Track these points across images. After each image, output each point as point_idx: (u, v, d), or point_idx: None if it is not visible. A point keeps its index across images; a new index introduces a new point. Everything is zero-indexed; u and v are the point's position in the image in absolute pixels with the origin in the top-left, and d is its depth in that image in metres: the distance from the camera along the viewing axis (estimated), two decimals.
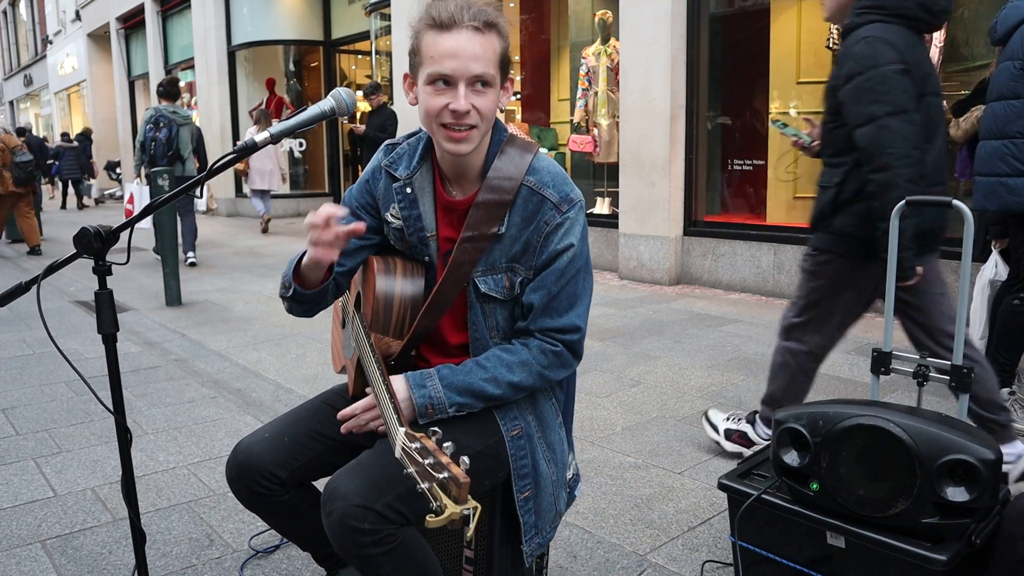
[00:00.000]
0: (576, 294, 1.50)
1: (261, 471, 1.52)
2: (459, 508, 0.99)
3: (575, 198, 1.49)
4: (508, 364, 1.47)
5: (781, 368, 2.65)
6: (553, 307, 1.48)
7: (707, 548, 2.19)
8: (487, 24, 1.39)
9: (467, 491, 1.00)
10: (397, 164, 1.57)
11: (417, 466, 1.06)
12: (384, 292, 1.54)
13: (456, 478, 1.01)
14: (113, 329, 1.48)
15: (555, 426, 1.60)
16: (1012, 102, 2.88)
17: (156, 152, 7.14)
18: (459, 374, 1.45)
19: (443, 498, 1.00)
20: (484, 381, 1.45)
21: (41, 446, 3.01)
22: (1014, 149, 2.87)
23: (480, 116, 1.40)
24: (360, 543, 1.30)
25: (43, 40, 25.68)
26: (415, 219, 1.54)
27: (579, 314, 1.50)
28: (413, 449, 1.09)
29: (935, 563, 1.51)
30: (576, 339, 1.51)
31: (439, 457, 1.06)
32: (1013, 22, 2.90)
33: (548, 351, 1.48)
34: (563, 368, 1.52)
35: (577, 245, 1.48)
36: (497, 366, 1.46)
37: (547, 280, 1.47)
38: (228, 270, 7.43)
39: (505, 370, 1.46)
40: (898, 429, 1.58)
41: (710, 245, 6.14)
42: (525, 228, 1.47)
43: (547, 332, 1.49)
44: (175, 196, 1.49)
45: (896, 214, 2.23)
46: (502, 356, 1.48)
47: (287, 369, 4.01)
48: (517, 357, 1.47)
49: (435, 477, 1.02)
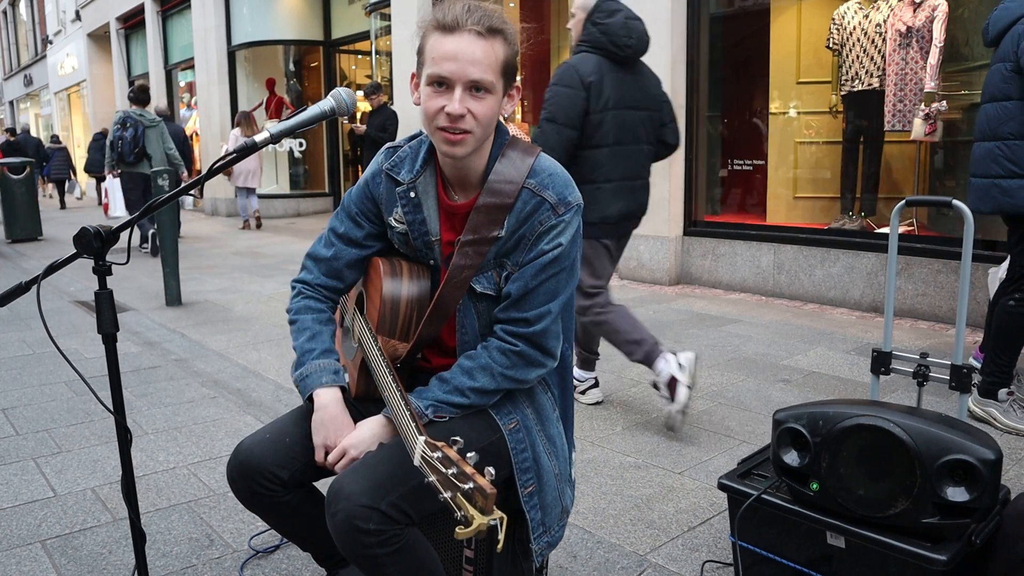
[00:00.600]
0: (554, 292, 1.48)
1: (262, 472, 1.52)
2: (486, 519, 0.99)
3: (573, 201, 1.48)
4: (468, 371, 1.47)
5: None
6: (526, 299, 1.47)
7: (707, 548, 2.19)
8: (491, 30, 1.38)
9: (493, 502, 1.00)
10: (399, 168, 1.57)
11: (439, 475, 1.06)
12: (391, 294, 1.54)
13: (483, 489, 1.01)
14: (113, 329, 1.48)
15: (553, 419, 1.60)
16: (1004, 104, 2.90)
17: (123, 149, 7.91)
18: (424, 393, 1.47)
19: (469, 508, 1.00)
20: (447, 393, 1.46)
21: (41, 446, 3.01)
22: (1007, 151, 2.89)
23: (476, 121, 1.39)
24: (365, 543, 1.30)
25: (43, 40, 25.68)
26: (419, 223, 1.54)
27: (551, 309, 1.48)
28: (435, 459, 1.09)
29: (935, 563, 1.51)
30: (539, 331, 1.47)
31: (463, 467, 1.05)
32: (1004, 24, 2.91)
33: (508, 351, 1.47)
34: (530, 367, 1.49)
35: (566, 246, 1.47)
36: (458, 375, 1.47)
37: (526, 273, 1.47)
38: (228, 270, 7.43)
39: (466, 378, 1.47)
40: (898, 429, 1.58)
41: (710, 245, 6.15)
42: (520, 227, 1.47)
43: (512, 322, 1.48)
44: (175, 196, 1.49)
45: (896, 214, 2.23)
46: (463, 363, 1.49)
47: (287, 369, 4.00)
48: (476, 362, 1.48)
49: (459, 487, 1.02)
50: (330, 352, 1.58)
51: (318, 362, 1.55)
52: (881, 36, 5.35)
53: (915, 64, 5.14)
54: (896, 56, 5.25)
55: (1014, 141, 2.86)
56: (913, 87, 5.16)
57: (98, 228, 1.42)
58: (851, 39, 5.56)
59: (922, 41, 5.08)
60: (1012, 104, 2.87)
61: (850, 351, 4.17)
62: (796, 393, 3.51)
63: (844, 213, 5.82)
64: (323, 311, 1.63)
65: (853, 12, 5.57)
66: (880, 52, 5.36)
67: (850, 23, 5.57)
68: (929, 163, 5.48)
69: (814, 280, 5.48)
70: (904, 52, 5.19)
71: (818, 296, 5.48)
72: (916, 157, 5.53)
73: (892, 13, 5.27)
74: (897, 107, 5.26)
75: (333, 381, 1.53)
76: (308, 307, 1.62)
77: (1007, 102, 2.88)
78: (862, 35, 5.49)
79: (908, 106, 5.19)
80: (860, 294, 5.22)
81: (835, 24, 5.65)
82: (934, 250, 4.88)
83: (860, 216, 5.73)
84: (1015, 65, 2.84)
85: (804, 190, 6.20)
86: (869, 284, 5.20)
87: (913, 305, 4.92)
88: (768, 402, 3.39)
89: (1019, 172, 2.86)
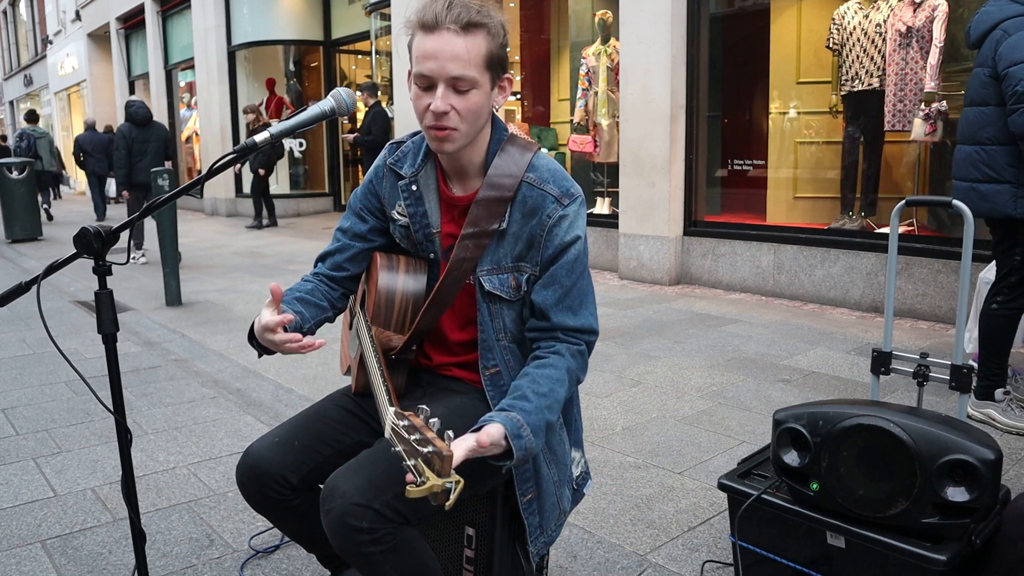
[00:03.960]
0: (584, 291, 1.51)
1: (273, 476, 1.51)
2: (441, 481, 0.99)
3: (575, 192, 1.50)
4: (559, 380, 1.44)
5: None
6: (568, 305, 1.48)
7: (707, 548, 2.19)
8: (470, 24, 1.38)
9: (450, 464, 1.01)
10: (402, 162, 1.59)
11: (405, 444, 1.07)
12: (386, 287, 1.55)
13: (440, 452, 1.01)
14: (113, 329, 1.48)
15: (555, 427, 1.59)
16: (983, 108, 2.91)
17: (22, 155, 12.32)
18: (534, 415, 1.37)
19: (426, 471, 1.01)
20: (548, 410, 1.40)
21: (41, 446, 3.01)
22: (985, 155, 2.90)
23: (460, 117, 1.40)
24: (358, 541, 1.30)
25: (43, 40, 25.67)
26: (421, 216, 1.56)
27: (592, 312, 1.51)
28: (401, 427, 1.10)
29: (935, 563, 1.51)
30: (595, 340, 1.52)
31: (425, 433, 1.06)
32: (984, 28, 2.92)
33: (577, 352, 1.48)
34: (586, 369, 1.52)
35: (583, 237, 1.49)
36: (555, 387, 1.42)
37: (558, 274, 1.47)
38: (228, 270, 7.43)
39: (560, 388, 1.44)
40: (898, 429, 1.58)
41: (710, 245, 6.14)
42: (527, 223, 1.48)
43: (570, 332, 1.48)
44: (175, 196, 1.49)
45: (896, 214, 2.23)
46: (550, 374, 1.43)
47: (287, 369, 4.01)
48: (559, 371, 1.44)
49: (420, 452, 1.03)
50: (289, 302, 1.53)
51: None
52: (881, 36, 5.35)
53: (915, 64, 5.14)
54: (896, 56, 5.24)
55: (992, 146, 2.88)
56: (913, 87, 5.16)
57: (98, 228, 1.42)
58: (851, 39, 5.56)
59: (922, 41, 5.08)
60: (990, 109, 2.88)
61: (850, 351, 4.17)
62: (796, 393, 3.51)
63: (844, 213, 5.82)
64: (308, 282, 1.62)
65: (853, 12, 5.57)
66: (880, 52, 5.36)
67: (850, 23, 5.57)
68: (929, 163, 5.49)
69: (814, 280, 5.48)
70: (904, 52, 5.19)
71: (818, 296, 5.48)
72: (916, 157, 5.53)
73: (892, 13, 5.27)
74: (897, 107, 5.26)
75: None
76: (302, 280, 1.63)
77: (985, 107, 2.90)
78: (862, 35, 5.49)
79: (908, 106, 5.19)
80: (860, 294, 5.22)
81: (835, 24, 5.64)
82: (934, 250, 4.88)
83: (860, 216, 5.73)
84: (992, 71, 2.84)
85: (804, 190, 6.21)
86: (869, 284, 5.20)
87: (913, 305, 4.92)
88: (768, 402, 3.39)
89: (996, 177, 2.87)
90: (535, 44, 9.03)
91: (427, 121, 1.41)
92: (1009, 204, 2.86)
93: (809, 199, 6.16)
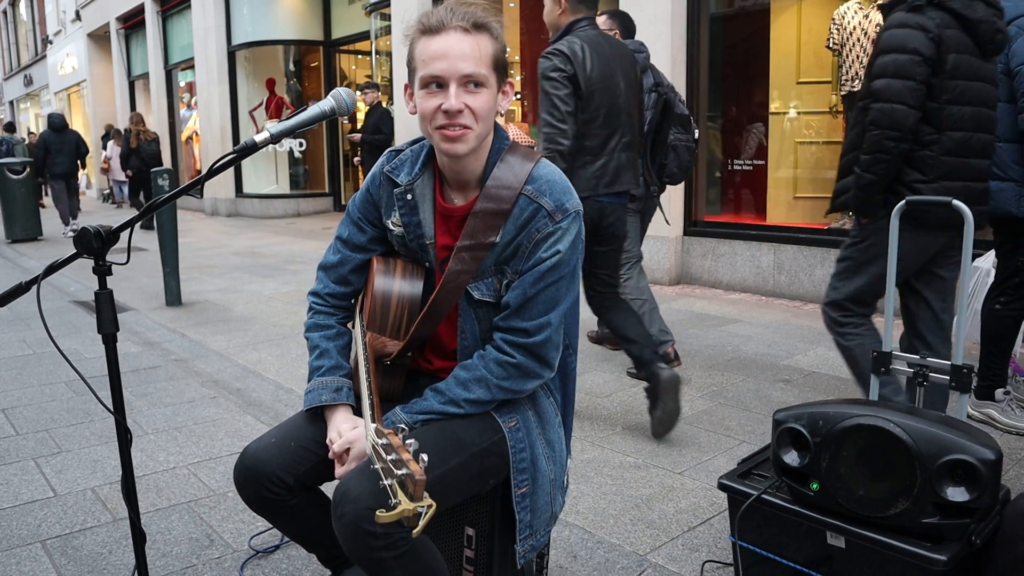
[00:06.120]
0: (555, 300, 1.47)
1: (269, 476, 1.51)
2: (412, 505, 1.00)
3: (571, 208, 1.47)
4: (464, 382, 1.48)
5: None
6: (525, 308, 1.46)
7: (707, 548, 2.19)
8: (475, 25, 1.39)
9: (422, 488, 1.01)
10: (399, 170, 1.58)
11: (382, 462, 1.07)
12: (382, 292, 1.55)
13: (412, 475, 1.01)
14: (113, 329, 1.48)
15: (555, 424, 1.60)
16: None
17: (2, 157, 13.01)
18: (417, 404, 1.48)
19: (399, 493, 1.01)
20: (442, 404, 1.47)
21: (41, 446, 3.01)
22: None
23: (474, 116, 1.40)
24: (372, 546, 1.29)
25: (43, 40, 25.66)
26: (415, 226, 1.55)
27: (550, 320, 1.47)
28: (380, 445, 1.10)
29: (935, 563, 1.51)
30: (539, 342, 1.47)
31: (401, 454, 1.06)
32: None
33: (504, 362, 1.47)
34: (527, 378, 1.49)
35: (565, 252, 1.46)
36: (453, 386, 1.48)
37: (525, 281, 1.46)
38: (228, 270, 7.43)
39: (461, 389, 1.47)
40: (898, 429, 1.58)
41: (710, 245, 6.14)
42: (518, 234, 1.47)
43: (511, 331, 1.47)
44: (175, 196, 1.49)
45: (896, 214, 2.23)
46: (459, 374, 1.49)
47: (287, 369, 4.01)
48: (472, 373, 1.48)
49: (395, 474, 1.03)
50: (336, 369, 1.59)
51: (322, 379, 1.57)
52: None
53: None
54: None
55: (998, 143, 2.85)
56: None
57: (98, 228, 1.42)
58: (851, 39, 5.56)
59: None
60: (999, 106, 2.86)
61: None
62: (796, 393, 3.51)
63: (844, 213, 5.82)
64: (331, 327, 1.65)
65: (853, 12, 5.57)
66: None
67: (850, 23, 5.57)
68: None
69: (814, 280, 5.48)
70: None
71: (818, 296, 5.46)
72: None
73: None
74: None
75: (333, 400, 1.54)
76: (317, 324, 1.65)
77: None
78: (862, 35, 5.49)
79: None
80: None
81: (835, 24, 5.64)
82: None
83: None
84: (1005, 67, 2.83)
85: (804, 190, 6.21)
86: None
87: None
88: (768, 402, 3.39)
89: (1000, 174, 2.85)
90: (535, 44, 9.03)
91: (438, 121, 1.40)
92: (1012, 203, 2.84)
93: (809, 199, 6.15)
